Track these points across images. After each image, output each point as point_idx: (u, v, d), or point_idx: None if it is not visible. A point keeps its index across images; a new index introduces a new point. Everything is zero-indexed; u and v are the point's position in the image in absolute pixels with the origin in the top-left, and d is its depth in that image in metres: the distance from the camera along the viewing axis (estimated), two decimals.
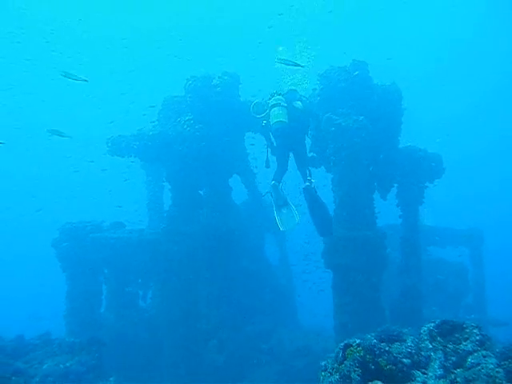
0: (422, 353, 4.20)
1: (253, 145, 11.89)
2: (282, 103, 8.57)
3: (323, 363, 4.35)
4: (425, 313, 10.12)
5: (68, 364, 7.11)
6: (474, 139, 45.48)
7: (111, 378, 7.73)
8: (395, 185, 10.31)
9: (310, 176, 8.67)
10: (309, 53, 9.96)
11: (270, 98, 8.87)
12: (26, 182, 40.60)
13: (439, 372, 3.94)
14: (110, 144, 9.97)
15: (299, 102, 8.83)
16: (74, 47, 34.95)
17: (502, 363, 4.21)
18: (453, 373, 3.97)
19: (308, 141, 9.32)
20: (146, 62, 36.20)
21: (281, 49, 9.94)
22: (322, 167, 10.04)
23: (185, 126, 9.85)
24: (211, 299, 10.79)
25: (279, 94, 8.81)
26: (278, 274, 13.70)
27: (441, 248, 14.59)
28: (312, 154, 9.47)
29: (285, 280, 13.98)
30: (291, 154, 8.84)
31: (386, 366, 3.84)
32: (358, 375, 3.87)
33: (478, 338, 4.26)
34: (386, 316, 9.40)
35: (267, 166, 9.16)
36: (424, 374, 3.98)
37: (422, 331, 4.47)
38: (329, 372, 4.14)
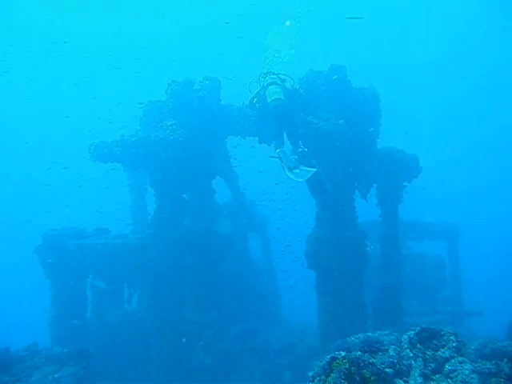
0: (404, 361, 4.44)
1: (235, 147, 11.96)
2: (278, 82, 8.53)
3: (310, 374, 4.54)
4: (404, 306, 10.49)
5: (56, 376, 7.11)
6: (460, 138, 46.52)
7: None
8: (375, 185, 10.58)
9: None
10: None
11: (261, 77, 8.84)
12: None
13: (419, 380, 4.19)
14: (92, 150, 9.87)
15: (288, 84, 8.84)
16: (48, 51, 33.97)
17: (477, 365, 4.49)
18: (432, 380, 4.23)
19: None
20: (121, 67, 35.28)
21: (288, 23, 9.79)
22: None
23: (167, 131, 9.82)
24: (197, 301, 10.89)
25: (273, 73, 8.78)
26: (261, 272, 13.91)
27: (419, 242, 15.04)
28: (302, 148, 9.04)
29: (269, 278, 14.21)
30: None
31: (370, 377, 4.06)
32: None
33: (454, 344, 4.52)
34: (369, 313, 9.74)
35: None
36: (406, 382, 4.22)
37: (402, 339, 4.72)
38: None
